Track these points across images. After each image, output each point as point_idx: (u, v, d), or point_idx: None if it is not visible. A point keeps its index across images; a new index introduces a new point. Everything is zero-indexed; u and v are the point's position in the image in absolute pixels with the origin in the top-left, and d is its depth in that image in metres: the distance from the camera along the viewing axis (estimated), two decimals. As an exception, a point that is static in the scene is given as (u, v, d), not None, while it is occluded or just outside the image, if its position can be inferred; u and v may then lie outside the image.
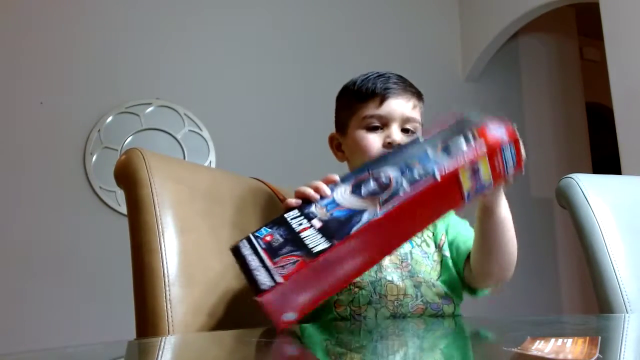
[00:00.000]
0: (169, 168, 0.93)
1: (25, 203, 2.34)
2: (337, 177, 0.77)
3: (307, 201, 0.76)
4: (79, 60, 2.53)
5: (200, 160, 2.62)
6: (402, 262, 0.89)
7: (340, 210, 0.72)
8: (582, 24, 3.79)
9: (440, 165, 0.69)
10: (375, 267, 0.88)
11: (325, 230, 0.69)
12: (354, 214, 0.69)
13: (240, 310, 0.93)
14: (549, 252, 3.37)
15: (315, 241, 0.67)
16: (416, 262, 0.91)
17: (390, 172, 0.73)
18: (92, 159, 2.46)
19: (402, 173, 0.72)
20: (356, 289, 0.87)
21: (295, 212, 0.75)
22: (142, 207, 0.85)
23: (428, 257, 0.92)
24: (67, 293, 2.30)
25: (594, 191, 1.05)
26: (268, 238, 0.72)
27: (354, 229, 0.67)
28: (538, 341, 0.46)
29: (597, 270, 0.99)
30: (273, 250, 0.69)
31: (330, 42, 3.01)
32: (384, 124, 0.94)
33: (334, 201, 0.74)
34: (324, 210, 0.73)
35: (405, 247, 0.92)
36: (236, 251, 0.73)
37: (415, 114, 0.97)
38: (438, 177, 0.68)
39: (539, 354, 0.42)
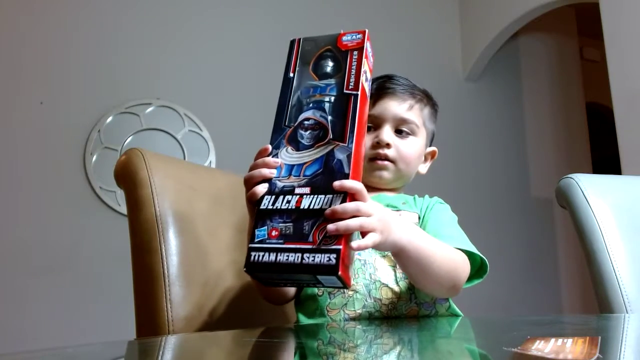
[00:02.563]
0: (169, 168, 0.93)
1: (25, 203, 2.34)
2: (269, 145, 0.71)
3: (267, 181, 0.68)
4: (79, 60, 2.53)
5: (200, 160, 2.62)
6: (396, 263, 0.85)
7: (309, 166, 0.67)
8: (582, 24, 3.79)
9: (344, 82, 0.71)
10: (370, 270, 0.85)
11: (319, 189, 0.64)
12: (325, 160, 0.66)
13: (240, 310, 0.93)
14: (549, 252, 3.37)
15: (324, 201, 0.63)
16: None
17: (307, 115, 0.71)
18: (92, 159, 2.46)
19: (318, 109, 0.70)
20: (350, 292, 0.83)
21: (270, 198, 0.66)
22: (142, 207, 0.85)
23: None
24: (67, 293, 2.30)
25: (594, 191, 1.05)
26: (274, 233, 0.63)
27: (347, 170, 0.65)
28: (538, 341, 0.46)
29: (597, 270, 0.99)
30: (296, 236, 0.62)
31: (330, 42, 3.01)
32: (377, 124, 0.93)
33: (292, 165, 0.68)
34: (293, 177, 0.67)
35: None
36: (254, 267, 0.63)
37: (411, 116, 0.93)
38: (358, 92, 0.70)
39: (539, 354, 0.42)
